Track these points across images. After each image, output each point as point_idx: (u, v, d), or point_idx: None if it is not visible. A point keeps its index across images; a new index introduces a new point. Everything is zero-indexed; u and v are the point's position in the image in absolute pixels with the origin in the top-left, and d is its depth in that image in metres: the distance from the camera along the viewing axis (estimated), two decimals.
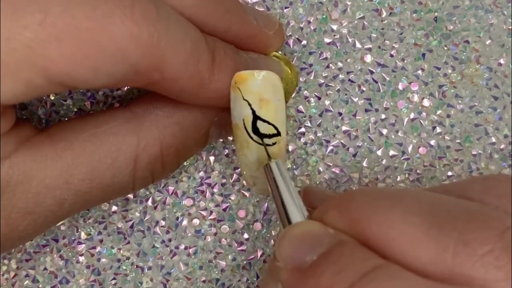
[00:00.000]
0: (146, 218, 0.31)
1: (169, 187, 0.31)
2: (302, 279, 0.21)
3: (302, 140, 0.31)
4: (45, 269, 0.31)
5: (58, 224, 0.31)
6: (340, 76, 0.31)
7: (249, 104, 0.25)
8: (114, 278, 0.31)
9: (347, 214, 0.22)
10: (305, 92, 0.31)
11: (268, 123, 0.26)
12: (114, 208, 0.31)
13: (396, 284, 0.20)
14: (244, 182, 0.31)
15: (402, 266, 0.20)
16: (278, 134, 0.26)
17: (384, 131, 0.31)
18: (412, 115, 0.31)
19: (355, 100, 0.31)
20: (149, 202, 0.31)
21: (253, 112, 0.25)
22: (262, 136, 0.26)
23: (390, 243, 0.21)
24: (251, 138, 0.26)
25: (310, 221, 0.23)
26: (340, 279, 0.20)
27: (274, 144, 0.26)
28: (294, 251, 0.22)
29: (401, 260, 0.21)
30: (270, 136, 0.26)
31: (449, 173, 0.31)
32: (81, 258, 0.31)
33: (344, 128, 0.31)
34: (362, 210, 0.22)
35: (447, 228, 0.20)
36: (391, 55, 0.31)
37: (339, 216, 0.22)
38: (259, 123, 0.26)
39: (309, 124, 0.31)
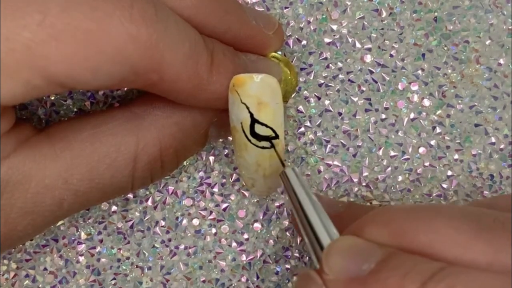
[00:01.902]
0: (146, 218, 0.31)
1: (169, 187, 0.31)
2: (366, 286, 0.22)
3: (302, 140, 0.31)
4: (45, 269, 0.31)
5: (58, 224, 0.31)
6: (340, 76, 0.31)
7: (247, 108, 0.25)
8: (114, 278, 0.31)
9: (388, 228, 0.23)
10: (305, 92, 0.31)
11: (266, 126, 0.26)
12: (114, 208, 0.31)
13: (473, 277, 0.20)
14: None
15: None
16: (276, 137, 0.26)
17: (384, 131, 0.31)
18: (412, 115, 0.31)
19: (355, 100, 0.31)
20: (149, 202, 0.31)
21: (251, 115, 0.25)
22: (260, 138, 0.26)
23: (441, 249, 0.21)
24: (249, 141, 0.26)
25: (353, 236, 0.24)
26: (409, 279, 0.20)
27: (272, 146, 0.26)
28: (348, 262, 0.22)
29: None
30: (268, 138, 0.26)
31: (449, 173, 0.31)
32: (81, 258, 0.31)
33: (344, 128, 0.31)
34: (404, 222, 0.22)
35: (497, 231, 0.21)
36: (391, 55, 0.31)
37: (377, 230, 0.23)
38: (257, 126, 0.26)
39: (309, 124, 0.31)
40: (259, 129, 0.26)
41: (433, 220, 0.22)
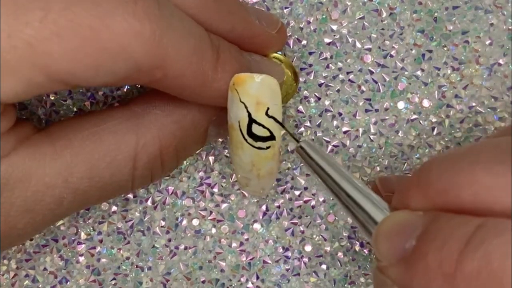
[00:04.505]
0: (146, 218, 0.31)
1: (169, 187, 0.31)
2: (410, 267, 0.20)
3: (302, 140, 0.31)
4: (45, 269, 0.31)
5: (58, 224, 0.31)
6: (340, 76, 0.31)
7: (246, 107, 0.25)
8: (114, 278, 0.31)
9: (430, 189, 0.21)
10: (305, 92, 0.31)
11: (263, 126, 0.26)
12: (114, 208, 0.31)
13: (507, 238, 0.19)
14: None
15: (505, 218, 0.20)
16: (273, 138, 0.26)
17: (384, 131, 0.31)
18: (412, 116, 0.31)
19: (355, 100, 0.31)
20: (149, 202, 0.31)
21: (249, 115, 0.25)
22: (256, 139, 0.26)
23: (485, 199, 0.20)
24: (246, 140, 0.26)
25: (396, 212, 0.22)
26: (446, 252, 0.19)
27: (268, 148, 0.26)
28: (392, 244, 0.21)
29: (503, 212, 0.20)
30: (264, 139, 0.26)
31: None
32: (81, 258, 0.31)
33: (344, 128, 0.31)
34: (443, 179, 0.21)
35: None
36: (391, 55, 0.31)
37: (421, 194, 0.22)
38: (254, 126, 0.26)
39: (309, 124, 0.31)
40: (256, 129, 0.25)
41: (470, 170, 0.20)
